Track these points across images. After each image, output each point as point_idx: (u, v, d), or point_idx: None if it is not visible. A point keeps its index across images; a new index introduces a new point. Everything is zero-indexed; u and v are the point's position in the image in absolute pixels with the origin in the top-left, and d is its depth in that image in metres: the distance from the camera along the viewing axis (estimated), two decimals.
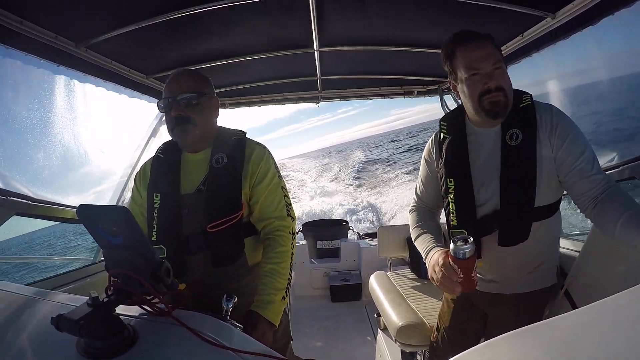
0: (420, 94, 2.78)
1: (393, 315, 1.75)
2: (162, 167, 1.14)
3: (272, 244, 1.08)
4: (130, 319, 0.61)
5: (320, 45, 1.85)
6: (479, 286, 1.16)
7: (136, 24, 1.38)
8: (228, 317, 0.78)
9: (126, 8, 1.31)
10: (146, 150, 2.56)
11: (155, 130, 2.60)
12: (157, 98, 2.26)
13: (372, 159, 29.01)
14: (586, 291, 1.12)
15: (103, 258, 0.67)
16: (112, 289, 0.58)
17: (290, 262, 1.09)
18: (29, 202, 1.52)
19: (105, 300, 0.54)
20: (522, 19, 1.50)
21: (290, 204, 1.17)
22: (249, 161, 1.11)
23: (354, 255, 3.45)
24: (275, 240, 1.08)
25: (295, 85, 2.59)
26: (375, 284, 2.22)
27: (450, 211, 1.10)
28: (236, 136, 1.16)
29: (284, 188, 1.16)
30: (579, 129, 0.99)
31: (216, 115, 1.17)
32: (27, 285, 1.11)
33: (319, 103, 2.87)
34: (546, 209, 1.02)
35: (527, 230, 1.02)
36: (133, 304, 0.61)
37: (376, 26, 1.72)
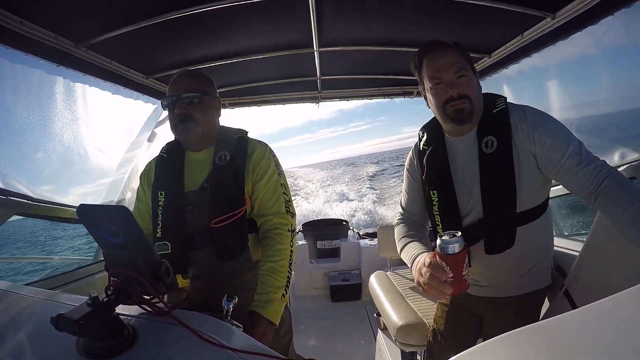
0: (420, 94, 2.77)
1: (393, 315, 1.75)
2: (166, 166, 1.17)
3: (271, 242, 1.09)
4: (130, 318, 0.61)
5: (320, 45, 1.85)
6: (474, 291, 1.17)
7: (136, 24, 1.38)
8: (229, 317, 0.78)
9: (126, 8, 1.31)
10: (146, 149, 2.56)
11: (153, 134, 2.60)
12: (157, 98, 2.29)
13: (385, 172, 29.38)
14: (586, 291, 1.12)
15: (103, 258, 0.67)
16: (112, 288, 0.58)
17: (290, 260, 1.09)
18: (29, 202, 1.52)
19: (105, 300, 0.54)
20: (522, 19, 1.50)
21: (290, 200, 1.17)
22: (250, 158, 1.14)
23: (354, 255, 3.45)
24: (274, 239, 1.09)
25: (295, 85, 2.59)
26: (375, 283, 2.22)
27: (435, 222, 1.11)
28: (238, 135, 1.19)
29: (283, 185, 1.16)
30: (559, 122, 0.97)
31: (218, 115, 1.20)
32: (27, 285, 1.11)
33: (318, 103, 2.87)
34: (530, 212, 1.02)
35: (512, 237, 1.01)
36: (133, 303, 0.62)
37: (376, 26, 1.72)
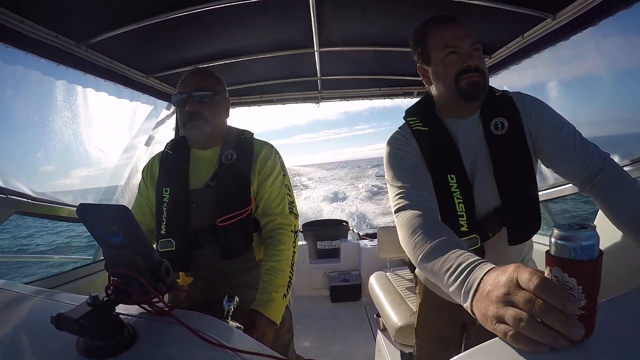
0: (420, 94, 2.78)
1: (392, 316, 1.75)
2: (171, 163, 1.17)
3: (274, 242, 1.10)
4: (130, 318, 0.61)
5: (320, 45, 1.85)
6: None
7: (136, 24, 1.38)
8: (229, 318, 0.78)
9: (126, 7, 1.31)
10: (146, 149, 2.56)
11: (153, 134, 2.60)
12: (158, 97, 2.29)
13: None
14: None
15: (103, 257, 0.67)
16: (112, 288, 0.58)
17: (292, 260, 1.10)
18: (28, 201, 1.52)
19: (105, 299, 0.54)
20: (523, 19, 1.51)
21: (293, 202, 1.18)
22: (256, 159, 1.14)
23: (353, 256, 3.45)
24: (277, 239, 1.10)
25: (295, 85, 2.59)
26: (375, 284, 2.22)
27: (457, 214, 0.89)
28: (244, 135, 1.20)
29: (287, 186, 1.18)
30: (552, 109, 0.95)
31: (227, 115, 1.20)
32: (27, 284, 1.11)
33: (319, 103, 2.87)
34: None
35: (539, 220, 0.92)
36: (133, 303, 0.62)
37: (376, 26, 1.72)
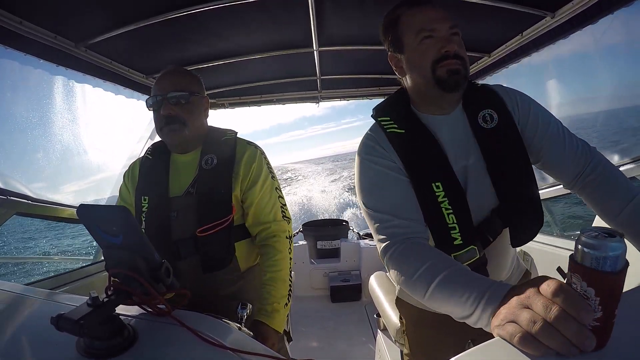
0: None
1: (393, 316, 1.75)
2: (150, 169, 1.11)
3: (270, 251, 1.06)
4: (130, 318, 0.61)
5: (320, 45, 1.85)
6: None
7: (136, 24, 1.38)
8: (242, 324, 0.79)
9: (126, 8, 1.31)
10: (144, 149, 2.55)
11: (153, 134, 2.60)
12: None
13: None
14: None
15: (103, 258, 0.67)
16: (112, 288, 0.58)
17: (290, 267, 1.08)
18: (29, 202, 1.52)
19: (105, 300, 0.54)
20: (522, 18, 1.50)
21: (285, 204, 1.14)
22: (240, 162, 1.08)
23: (354, 256, 3.45)
24: (273, 247, 1.07)
25: (294, 85, 2.59)
26: (375, 284, 2.21)
27: (448, 226, 0.78)
28: (227, 136, 1.13)
29: (278, 189, 1.13)
30: (539, 103, 0.88)
31: (206, 116, 1.14)
32: (27, 285, 1.11)
33: (318, 103, 2.87)
34: None
35: (541, 216, 0.83)
36: (133, 304, 0.62)
37: (375, 25, 1.70)
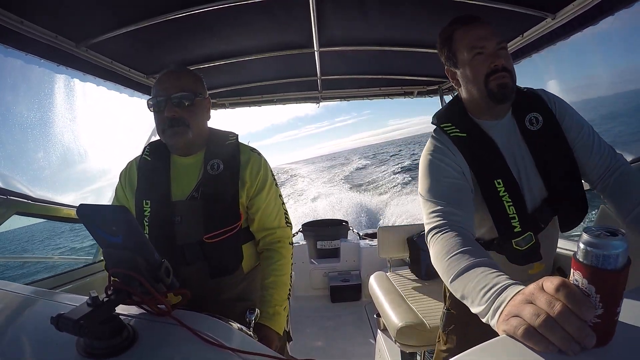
0: (420, 94, 2.78)
1: (393, 316, 1.75)
2: (150, 171, 1.08)
3: (274, 255, 1.09)
4: (130, 318, 0.61)
5: (321, 45, 1.85)
6: None
7: (136, 24, 1.38)
8: (251, 329, 0.79)
9: (127, 8, 1.31)
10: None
11: (153, 134, 2.60)
12: None
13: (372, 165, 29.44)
14: None
15: (103, 258, 0.67)
16: (112, 288, 0.58)
17: (291, 272, 1.11)
18: (28, 202, 1.52)
19: (105, 300, 0.54)
20: (523, 19, 1.50)
21: (287, 211, 1.16)
22: (245, 169, 1.07)
23: (353, 256, 3.45)
24: (276, 252, 1.09)
25: (295, 85, 2.59)
26: (375, 284, 2.22)
27: (509, 217, 0.91)
28: (229, 140, 1.11)
29: (281, 196, 1.15)
30: (573, 108, 0.98)
31: (208, 117, 1.12)
32: (27, 285, 1.11)
33: (319, 103, 2.87)
34: None
35: (586, 204, 0.94)
36: (133, 303, 0.62)
37: (376, 26, 1.72)
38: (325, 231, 3.70)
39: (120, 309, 0.58)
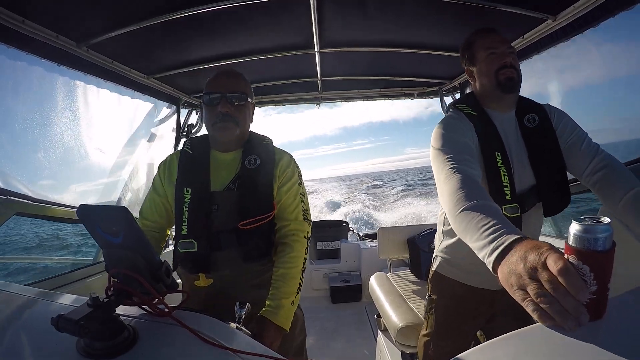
0: (421, 95, 2.78)
1: (393, 317, 1.75)
2: (192, 163, 1.15)
3: (286, 248, 1.12)
4: (130, 319, 0.61)
5: (321, 47, 1.85)
6: (491, 284, 1.13)
7: (137, 24, 1.38)
8: (241, 324, 0.79)
9: (127, 8, 1.31)
10: (146, 150, 2.55)
11: (153, 134, 2.60)
12: (158, 98, 2.29)
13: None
14: None
15: (103, 258, 0.67)
16: (112, 289, 0.58)
17: (303, 267, 1.13)
18: (29, 202, 1.52)
19: (105, 300, 0.54)
20: (523, 21, 1.51)
21: (307, 209, 1.20)
22: (277, 165, 1.16)
23: (354, 257, 3.45)
24: (290, 245, 1.12)
25: (295, 86, 2.60)
26: (375, 285, 2.22)
27: (503, 184, 1.04)
28: (265, 142, 1.21)
29: (302, 194, 1.19)
30: (572, 119, 1.13)
31: (252, 120, 1.21)
32: (27, 286, 1.11)
33: (319, 104, 2.88)
34: None
35: (568, 195, 1.09)
36: (133, 304, 0.62)
37: (377, 27, 1.72)
38: (325, 232, 3.70)
39: (121, 310, 0.58)
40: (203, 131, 2.42)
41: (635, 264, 1.08)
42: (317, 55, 1.97)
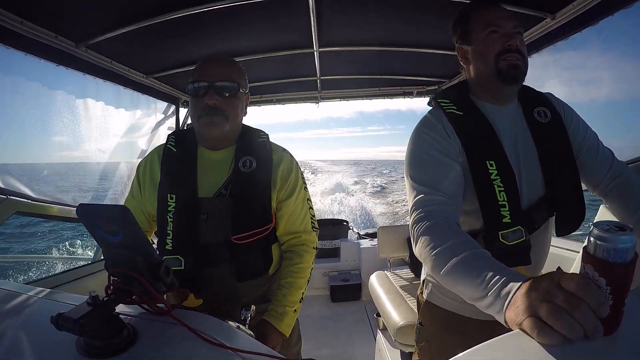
0: (420, 94, 2.78)
1: (393, 316, 1.75)
2: (176, 164, 1.00)
3: (295, 257, 1.06)
4: (130, 318, 0.61)
5: (320, 46, 1.85)
6: (477, 314, 0.90)
7: (136, 24, 1.38)
8: (246, 325, 0.79)
9: (126, 8, 1.31)
10: (146, 150, 2.55)
11: (153, 134, 2.60)
12: (157, 98, 2.29)
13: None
14: None
15: (102, 257, 0.67)
16: (112, 288, 0.58)
17: (309, 277, 1.08)
18: (28, 201, 1.52)
19: (105, 299, 0.54)
20: (522, 19, 1.50)
21: (314, 215, 1.13)
22: (277, 170, 1.03)
23: (354, 255, 3.45)
24: (299, 255, 1.06)
25: (295, 85, 2.60)
26: (375, 284, 2.22)
27: (498, 203, 0.81)
28: (261, 139, 1.07)
29: (309, 200, 1.12)
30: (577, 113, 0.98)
31: (245, 113, 1.06)
32: (27, 284, 1.11)
33: (318, 103, 2.88)
34: None
35: (583, 210, 0.88)
36: (133, 303, 0.62)
37: (376, 26, 1.72)
38: (325, 231, 3.70)
39: (120, 309, 0.59)
40: None
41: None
42: (316, 54, 1.97)
